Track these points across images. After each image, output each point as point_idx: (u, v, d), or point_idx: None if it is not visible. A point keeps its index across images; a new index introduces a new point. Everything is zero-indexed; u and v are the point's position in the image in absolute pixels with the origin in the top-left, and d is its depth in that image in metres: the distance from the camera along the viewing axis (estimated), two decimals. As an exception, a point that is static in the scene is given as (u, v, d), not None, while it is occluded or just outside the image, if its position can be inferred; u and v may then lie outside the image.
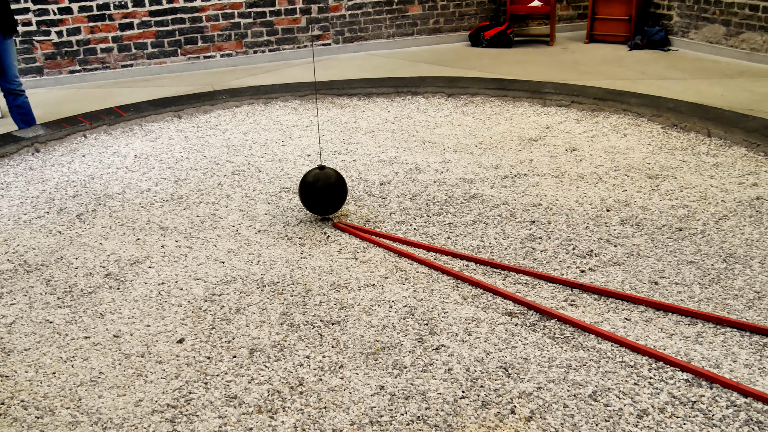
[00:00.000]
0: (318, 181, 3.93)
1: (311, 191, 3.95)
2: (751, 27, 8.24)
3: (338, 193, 3.99)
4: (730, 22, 8.50)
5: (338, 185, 3.98)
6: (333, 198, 3.98)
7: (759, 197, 4.25)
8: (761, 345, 2.88)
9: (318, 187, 3.93)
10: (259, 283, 3.46)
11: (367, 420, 2.53)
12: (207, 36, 8.51)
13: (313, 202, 3.99)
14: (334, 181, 3.96)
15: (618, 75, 7.76)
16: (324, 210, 4.03)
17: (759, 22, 8.12)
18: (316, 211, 4.04)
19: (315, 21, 9.02)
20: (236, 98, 6.50)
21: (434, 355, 2.87)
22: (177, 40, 8.36)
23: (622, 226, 3.96)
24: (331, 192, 3.96)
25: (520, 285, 3.39)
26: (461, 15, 9.85)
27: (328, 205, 4.00)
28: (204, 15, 8.41)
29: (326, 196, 3.96)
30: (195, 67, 8.47)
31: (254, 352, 2.93)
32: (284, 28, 8.89)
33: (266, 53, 8.86)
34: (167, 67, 8.36)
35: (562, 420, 2.50)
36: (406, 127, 5.79)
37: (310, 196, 3.96)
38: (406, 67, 8.29)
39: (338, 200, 4.02)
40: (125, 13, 8.06)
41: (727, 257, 3.58)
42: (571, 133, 5.49)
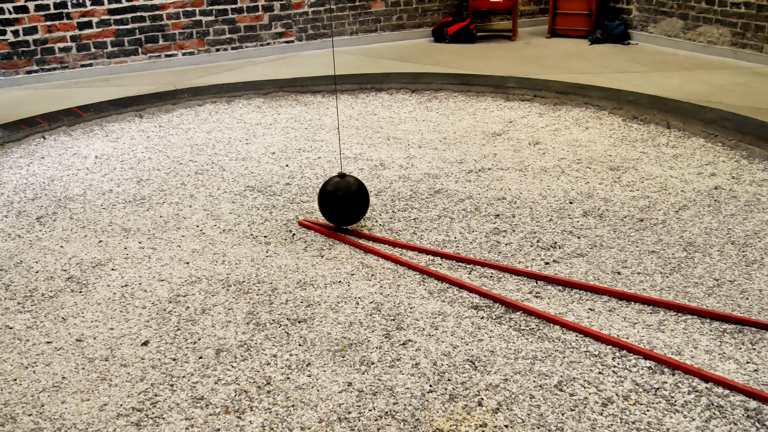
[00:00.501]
0: (339, 191, 3.74)
1: (331, 201, 3.76)
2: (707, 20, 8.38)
3: (359, 203, 3.80)
4: (688, 16, 8.63)
5: (359, 194, 3.78)
6: (354, 208, 3.79)
7: (717, 187, 4.32)
8: (721, 331, 2.94)
9: (339, 196, 3.74)
10: (224, 282, 3.44)
11: (336, 417, 2.52)
12: (168, 34, 8.42)
13: (334, 213, 3.80)
14: (356, 190, 3.77)
15: (579, 69, 7.84)
16: (344, 221, 3.85)
17: (715, 16, 8.26)
18: (336, 221, 3.86)
19: (277, 18, 8.97)
20: (199, 97, 6.45)
21: (401, 351, 2.88)
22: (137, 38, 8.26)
23: (585, 217, 4.00)
24: (352, 202, 3.76)
25: (485, 278, 3.41)
26: (424, 11, 9.86)
27: (349, 215, 3.81)
28: (165, 13, 8.32)
29: (347, 206, 3.77)
30: (156, 65, 8.37)
31: (220, 353, 2.91)
32: (247, 25, 8.83)
33: (229, 51, 8.79)
34: (128, 66, 8.25)
35: (529, 411, 2.52)
36: (371, 123, 5.79)
37: (330, 206, 3.78)
38: (370, 64, 8.28)
39: (359, 210, 3.83)
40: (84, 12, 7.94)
41: (687, 246, 3.64)
42: (534, 127, 5.54)
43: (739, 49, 8.03)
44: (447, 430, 2.45)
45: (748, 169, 4.60)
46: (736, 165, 4.67)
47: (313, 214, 4.15)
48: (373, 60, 8.54)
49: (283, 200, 4.35)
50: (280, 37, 9.06)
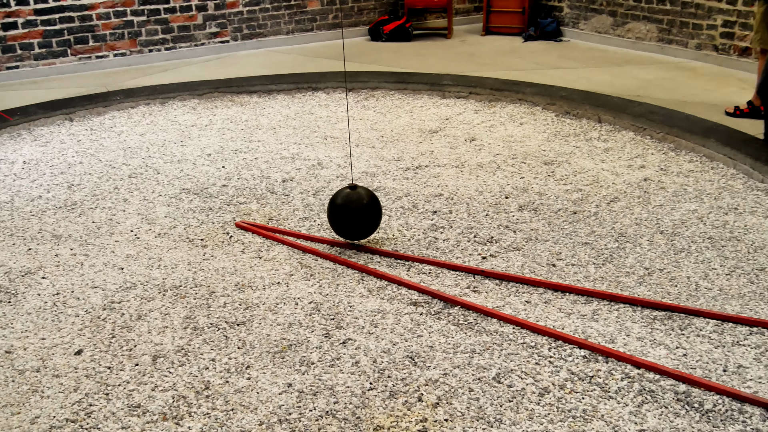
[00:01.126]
0: (351, 203, 3.52)
1: (341, 215, 3.56)
2: (635, 17, 8.60)
3: (371, 216, 3.58)
4: (617, 13, 8.84)
5: (371, 207, 3.56)
6: (365, 222, 3.57)
7: (646, 178, 4.44)
8: (652, 318, 3.02)
9: (352, 209, 3.51)
10: (160, 287, 3.39)
11: (276, 419, 2.51)
12: (99, 35, 8.22)
13: (344, 227, 3.60)
14: (367, 203, 3.54)
15: (513, 66, 7.95)
16: (356, 235, 3.64)
17: (642, 12, 8.48)
18: (347, 236, 3.66)
19: (212, 18, 8.86)
20: (132, 99, 6.32)
21: (341, 349, 2.88)
22: (66, 39, 8.05)
23: (520, 212, 4.07)
24: (363, 216, 3.54)
25: (424, 275, 3.44)
26: (360, 10, 9.87)
27: (360, 230, 3.60)
28: (94, 13, 8.12)
29: (358, 220, 3.55)
30: (87, 67, 8.18)
31: (157, 359, 2.86)
32: (180, 25, 8.69)
33: (162, 52, 8.63)
34: (57, 68, 8.03)
35: (468, 404, 2.55)
36: (308, 123, 5.77)
37: (340, 220, 3.58)
38: (307, 63, 8.25)
39: (371, 225, 3.62)
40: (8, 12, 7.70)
41: (618, 237, 3.74)
42: (469, 124, 5.60)
43: (665, 44, 8.26)
44: (388, 426, 2.46)
45: (676, 160, 4.74)
46: (664, 157, 4.81)
47: (251, 215, 4.12)
48: (309, 59, 8.51)
49: (219, 202, 4.30)
50: (215, 37, 8.95)
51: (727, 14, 7.50)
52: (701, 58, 7.84)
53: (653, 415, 2.47)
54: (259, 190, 4.47)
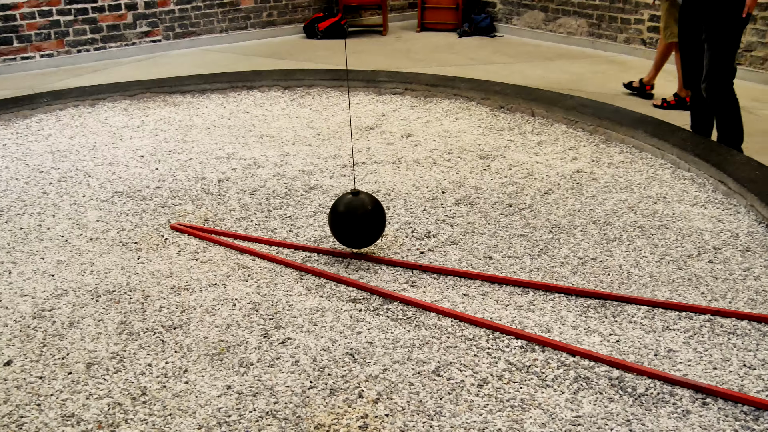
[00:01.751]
0: (355, 210, 3.37)
1: (342, 222, 3.42)
2: (566, 12, 8.77)
3: (374, 224, 3.44)
4: (548, 8, 9.00)
5: (374, 214, 3.43)
6: (368, 230, 3.44)
7: (579, 170, 4.54)
8: (586, 307, 3.09)
9: (358, 215, 3.37)
10: (93, 293, 3.31)
11: (215, 422, 2.48)
12: (23, 35, 7.98)
13: (346, 235, 3.46)
14: (371, 209, 3.40)
15: (449, 61, 8.03)
16: (359, 243, 3.50)
17: (573, 8, 8.65)
18: (349, 244, 3.52)
19: (142, 17, 8.69)
20: (60, 101, 6.15)
21: (281, 349, 2.87)
22: (-10, 41, 7.80)
23: (457, 206, 4.11)
24: (366, 223, 3.41)
25: (362, 271, 3.44)
26: (294, 7, 9.82)
27: (363, 238, 3.47)
28: (18, 13, 7.88)
29: (361, 227, 3.41)
30: (12, 69, 7.93)
31: (91, 366, 2.80)
32: (109, 24, 8.50)
33: (91, 52, 8.44)
34: (-20, 71, 7.78)
35: (408, 398, 2.57)
36: (243, 122, 5.71)
37: (342, 227, 3.44)
38: (241, 62, 8.17)
39: (375, 232, 3.48)
40: (-73, 15, 7.42)
41: (553, 228, 3.81)
42: (406, 120, 5.63)
43: (595, 39, 8.45)
44: (329, 424, 2.46)
45: (607, 152, 4.86)
46: (595, 149, 4.92)
47: (186, 217, 4.06)
48: (244, 58, 8.43)
49: (153, 204, 4.23)
50: (146, 37, 8.79)
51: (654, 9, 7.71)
52: (630, 52, 8.04)
53: (588, 401, 2.53)
54: (194, 191, 4.40)
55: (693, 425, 2.41)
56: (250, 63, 8.06)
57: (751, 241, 3.62)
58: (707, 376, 2.64)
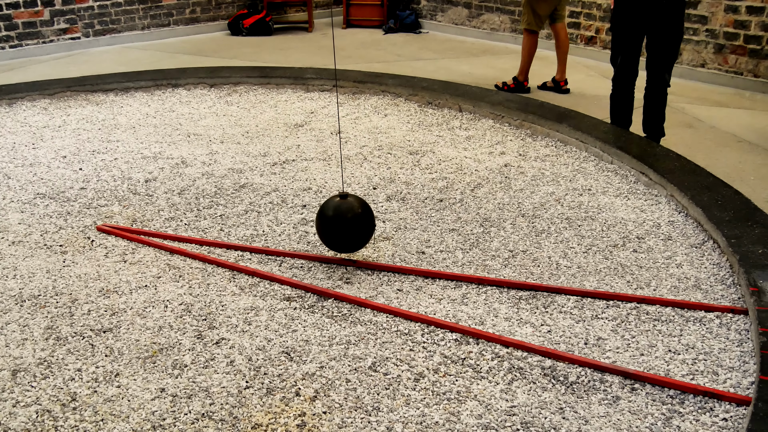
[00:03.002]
0: (345, 214, 3.25)
1: (330, 226, 3.29)
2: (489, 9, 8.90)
3: (363, 227, 3.32)
4: (471, 5, 9.12)
5: (364, 217, 3.31)
6: (357, 233, 3.32)
7: (507, 164, 4.62)
8: (517, 298, 3.16)
9: (348, 219, 3.25)
10: (17, 298, 3.20)
11: (149, 425, 2.44)
12: (-68, 33, 7.64)
13: (334, 239, 3.33)
14: (360, 213, 3.28)
15: (376, 58, 8.05)
16: (347, 248, 3.37)
17: (496, 4, 8.80)
18: (337, 249, 3.38)
19: (60, 13, 8.42)
20: (-26, 100, 5.91)
21: (215, 350, 2.83)
22: None
23: (388, 202, 4.13)
24: (355, 226, 3.29)
25: (296, 269, 3.43)
26: (218, 4, 9.68)
27: (352, 242, 3.34)
28: (-74, 10, 7.54)
29: (350, 231, 3.29)
30: None
31: (17, 373, 2.70)
32: (25, 21, 8.21)
33: (6, 50, 8.13)
34: None
35: (346, 394, 2.58)
36: (169, 120, 5.60)
37: (330, 231, 3.31)
38: (165, 59, 8.01)
39: (364, 236, 3.36)
40: None
41: (483, 222, 3.87)
42: (335, 117, 5.62)
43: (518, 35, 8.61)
44: (266, 423, 2.44)
45: (533, 146, 4.96)
46: (522, 143, 5.02)
47: (113, 218, 3.96)
48: (168, 55, 8.27)
49: (78, 206, 4.11)
50: (65, 34, 8.52)
51: (573, 5, 7.91)
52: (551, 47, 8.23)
53: (522, 391, 2.59)
54: (120, 191, 4.30)
55: (623, 410, 2.49)
56: (174, 61, 7.90)
57: (672, 230, 3.76)
58: (635, 363, 2.73)
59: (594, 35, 7.77)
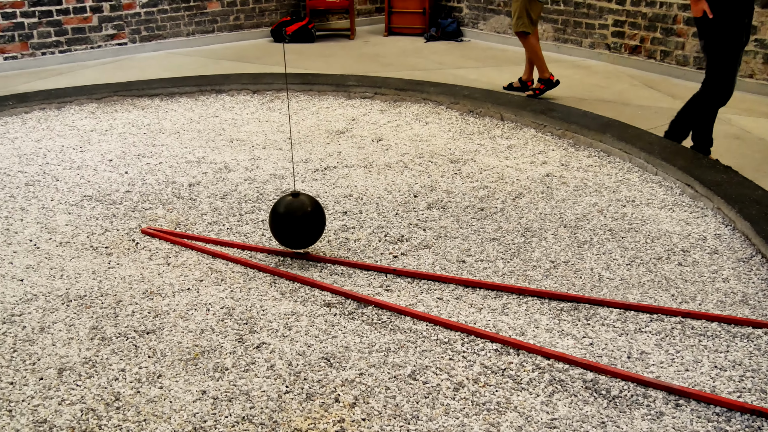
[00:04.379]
0: (294, 212, 3.41)
1: (283, 223, 3.45)
2: (533, 17, 8.85)
3: (313, 224, 3.48)
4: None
5: (314, 215, 3.47)
6: (308, 230, 3.48)
7: (549, 174, 4.59)
8: (559, 310, 3.13)
9: (297, 217, 3.41)
10: (64, 298, 3.26)
11: (191, 427, 2.46)
12: (-14, 38, 7.84)
13: (287, 236, 3.49)
14: (310, 211, 3.44)
15: (417, 66, 8.06)
16: (299, 244, 3.53)
17: (540, 13, 8.74)
18: (289, 245, 3.54)
19: (108, 19, 8.58)
20: (25, 104, 6.05)
21: (256, 354, 2.85)
22: (-50, 43, 7.64)
23: (429, 210, 4.12)
24: (305, 224, 3.45)
25: (336, 275, 3.44)
26: (261, 11, 9.78)
27: (304, 238, 3.50)
28: (-20, 15, 7.74)
29: (300, 228, 3.45)
30: (-26, 71, 7.78)
31: (63, 372, 2.75)
32: (74, 27, 8.38)
33: (56, 55, 8.31)
34: (-59, 73, 7.62)
35: (385, 402, 2.57)
36: (213, 126, 5.67)
37: (283, 229, 3.47)
38: (209, 65, 8.11)
39: (315, 232, 3.52)
40: None
41: (524, 232, 3.84)
42: (376, 124, 5.64)
43: (561, 44, 8.55)
44: (305, 429, 2.45)
45: (575, 156, 4.92)
46: (564, 153, 4.98)
47: (157, 221, 4.02)
48: (211, 61, 8.37)
49: (123, 208, 4.18)
50: (112, 39, 8.68)
51: (617, 14, 7.84)
52: (595, 57, 8.16)
53: (563, 403, 2.56)
54: (164, 195, 4.36)
55: (667, 427, 2.45)
56: (217, 66, 8.00)
57: (719, 243, 3.69)
58: (679, 378, 2.69)
59: (639, 44, 7.69)
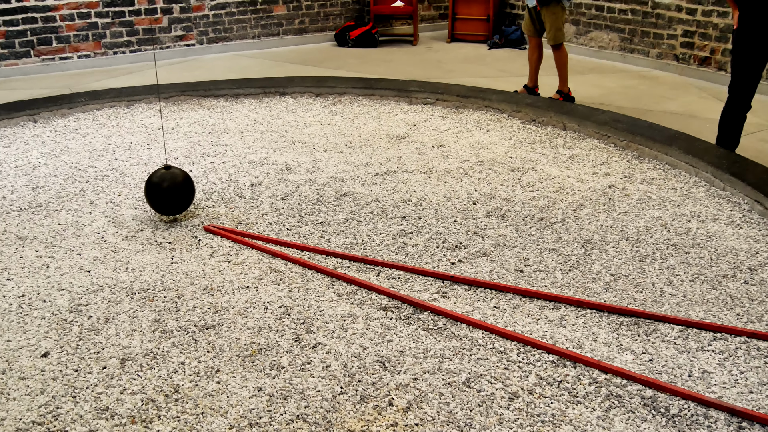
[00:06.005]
0: (164, 182, 3.92)
1: (159, 192, 3.95)
2: (598, 26, 8.74)
3: (185, 192, 4.02)
4: (579, 22, 8.98)
5: (185, 185, 4.01)
6: (180, 198, 4.01)
7: (611, 186, 4.52)
8: (618, 324, 3.08)
9: (164, 188, 3.93)
10: (128, 290, 3.35)
11: (246, 423, 2.50)
12: (62, 36, 8.11)
13: (161, 204, 3.99)
14: (181, 181, 3.99)
15: (479, 73, 8.03)
16: (171, 210, 4.03)
17: (605, 21, 8.63)
18: (163, 212, 4.03)
19: (177, 21, 8.79)
20: (97, 101, 6.24)
21: (312, 354, 2.88)
22: (29, 40, 7.93)
23: (488, 218, 4.11)
24: (178, 192, 3.98)
25: (393, 280, 3.46)
26: (326, 15, 9.88)
27: (176, 205, 4.01)
28: (58, 14, 8.01)
29: (174, 196, 3.97)
30: (50, 69, 8.06)
31: (126, 362, 2.83)
32: (145, 28, 8.61)
33: (127, 54, 8.55)
34: (19, 69, 7.91)
35: (438, 408, 2.57)
36: (275, 127, 5.75)
37: (158, 197, 3.96)
38: (273, 68, 8.23)
39: (186, 200, 4.05)
40: (-31, 12, 7.56)
41: (584, 243, 3.80)
42: (437, 130, 5.64)
43: (627, 53, 8.41)
44: (359, 430, 2.47)
45: (639, 168, 4.83)
46: (628, 165, 4.90)
47: (219, 219, 4.10)
48: (276, 64, 8.50)
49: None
50: (181, 41, 8.89)
51: (687, 24, 7.68)
52: (662, 67, 8.00)
53: (620, 419, 2.52)
54: (227, 194, 4.45)
55: (727, 447, 2.39)
56: (282, 69, 8.11)
57: (787, 263, 3.59)
58: (743, 400, 2.61)
59: (708, 56, 7.52)
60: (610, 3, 8.51)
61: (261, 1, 9.30)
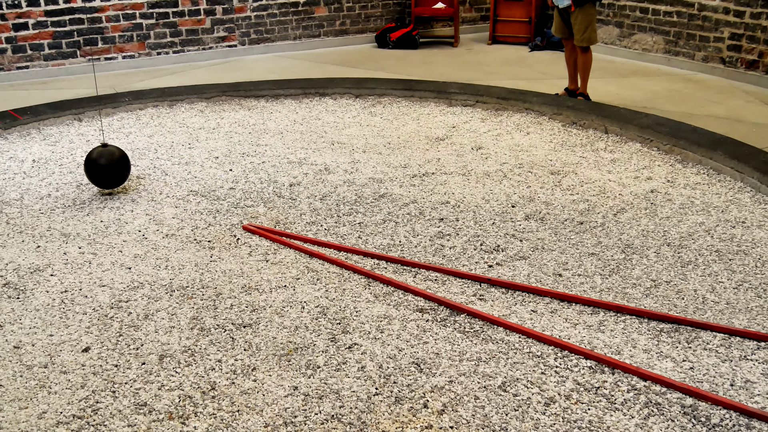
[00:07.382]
0: (101, 158, 4.35)
1: (97, 168, 4.38)
2: (642, 29, 8.62)
3: (120, 167, 4.43)
4: (623, 24, 8.86)
5: (121, 161, 4.42)
6: (116, 172, 4.41)
7: (653, 190, 4.45)
8: (658, 331, 3.03)
9: (101, 164, 4.35)
10: (167, 288, 3.39)
11: (281, 421, 2.52)
12: (107, 37, 8.26)
13: (99, 178, 4.40)
14: (117, 158, 4.40)
15: (520, 75, 7.97)
16: (108, 184, 4.43)
17: (649, 24, 8.50)
18: (102, 185, 4.44)
19: (220, 22, 8.89)
20: (140, 101, 6.34)
21: (347, 354, 2.89)
22: (76, 41, 8.08)
23: (526, 221, 4.07)
24: (114, 167, 4.39)
25: (430, 281, 3.44)
26: (367, 17, 9.90)
27: (113, 179, 4.41)
28: (104, 15, 8.16)
29: (110, 171, 4.38)
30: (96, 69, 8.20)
31: (164, 358, 2.87)
32: (188, 29, 8.72)
33: (170, 55, 8.67)
34: (66, 69, 8.06)
35: (474, 411, 2.56)
36: (315, 128, 5.78)
37: (97, 172, 4.38)
38: (314, 69, 8.27)
39: (121, 175, 4.44)
40: (19, 13, 7.73)
41: (625, 248, 3.74)
42: (476, 132, 5.61)
43: (672, 56, 8.28)
44: (393, 432, 2.46)
45: (683, 173, 4.75)
46: (670, 169, 4.82)
47: (258, 218, 4.13)
48: (316, 65, 8.54)
49: (227, 205, 4.31)
50: (223, 41, 8.98)
51: (735, 27, 7.53)
52: (708, 71, 7.85)
53: (659, 427, 2.47)
54: (266, 193, 4.48)
55: (769, 459, 2.33)
56: (322, 70, 8.15)
57: (835, 272, 3.49)
58: (786, 409, 2.55)
59: (757, 59, 7.36)
60: (655, 5, 8.39)
61: (302, 2, 9.36)
